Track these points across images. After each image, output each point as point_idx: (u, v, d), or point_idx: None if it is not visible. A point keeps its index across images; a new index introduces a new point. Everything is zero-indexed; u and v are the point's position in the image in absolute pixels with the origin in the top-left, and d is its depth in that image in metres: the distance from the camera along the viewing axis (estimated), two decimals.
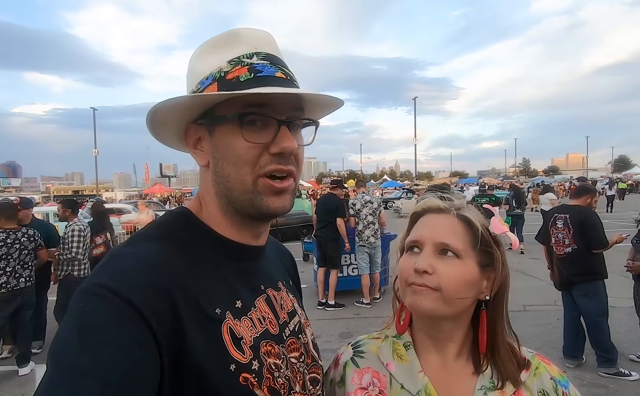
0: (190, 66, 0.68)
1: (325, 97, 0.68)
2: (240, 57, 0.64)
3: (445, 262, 0.72)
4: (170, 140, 0.73)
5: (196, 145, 0.68)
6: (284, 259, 0.88)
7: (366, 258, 6.03)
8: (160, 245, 0.60)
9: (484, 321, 0.75)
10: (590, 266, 3.79)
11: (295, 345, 0.71)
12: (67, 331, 0.50)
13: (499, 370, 0.73)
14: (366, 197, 6.14)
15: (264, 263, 0.74)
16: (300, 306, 0.81)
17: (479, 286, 0.74)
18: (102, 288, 0.51)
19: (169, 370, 0.51)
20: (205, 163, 0.67)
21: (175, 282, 0.56)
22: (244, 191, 0.63)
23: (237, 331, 0.60)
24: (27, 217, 4.80)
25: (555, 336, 4.37)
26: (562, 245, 3.91)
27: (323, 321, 5.47)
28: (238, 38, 0.65)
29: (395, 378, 0.76)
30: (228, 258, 0.67)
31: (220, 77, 0.63)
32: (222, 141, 0.63)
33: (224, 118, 0.62)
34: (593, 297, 3.76)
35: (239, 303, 0.64)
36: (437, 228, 0.75)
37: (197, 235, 0.66)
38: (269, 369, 0.62)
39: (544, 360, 0.79)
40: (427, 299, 0.71)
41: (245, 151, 0.62)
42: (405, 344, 0.79)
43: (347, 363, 0.82)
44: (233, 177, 0.63)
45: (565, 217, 3.95)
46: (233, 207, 0.66)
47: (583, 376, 3.76)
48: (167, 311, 0.53)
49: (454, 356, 0.76)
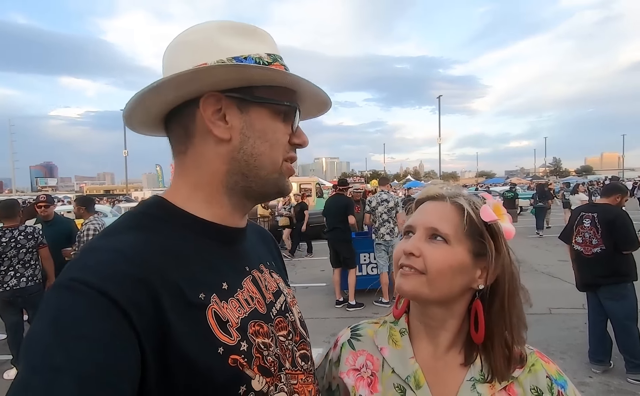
0: (203, 36, 0.65)
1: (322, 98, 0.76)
2: (275, 54, 0.68)
3: (433, 246, 0.73)
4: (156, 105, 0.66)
5: (215, 115, 0.65)
6: (266, 240, 0.89)
7: (384, 256, 5.97)
8: (136, 235, 0.59)
9: (479, 312, 0.74)
10: (619, 267, 3.62)
11: (283, 324, 0.72)
12: (40, 328, 0.47)
13: (489, 364, 0.73)
14: (383, 195, 6.10)
15: (246, 245, 0.74)
16: (286, 285, 0.82)
17: (470, 274, 0.74)
18: (76, 282, 0.49)
19: (153, 362, 0.50)
20: (227, 137, 0.65)
21: (153, 272, 0.55)
22: (274, 170, 0.68)
23: (223, 314, 0.60)
24: (51, 214, 4.85)
25: (582, 341, 4.20)
26: (590, 245, 3.74)
27: (341, 320, 5.48)
28: (263, 36, 0.69)
29: (387, 362, 0.78)
30: (210, 241, 0.66)
31: (264, 64, 0.66)
32: (259, 122, 0.66)
33: (266, 101, 0.66)
34: (621, 300, 3.59)
35: (225, 285, 0.63)
36: (429, 214, 0.76)
37: (175, 221, 0.65)
38: (257, 349, 0.62)
39: (542, 358, 0.78)
40: (411, 281, 0.72)
41: (283, 136, 0.68)
42: (401, 330, 0.81)
43: (344, 345, 0.85)
44: (266, 156, 0.67)
45: (593, 216, 3.77)
46: (244, 186, 0.68)
47: (610, 382, 3.61)
48: (146, 302, 0.52)
49: (446, 346, 0.77)
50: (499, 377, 0.72)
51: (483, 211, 0.74)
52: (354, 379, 0.80)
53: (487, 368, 0.73)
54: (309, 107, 0.77)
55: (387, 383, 0.76)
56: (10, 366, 4.17)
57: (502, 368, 0.72)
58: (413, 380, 0.74)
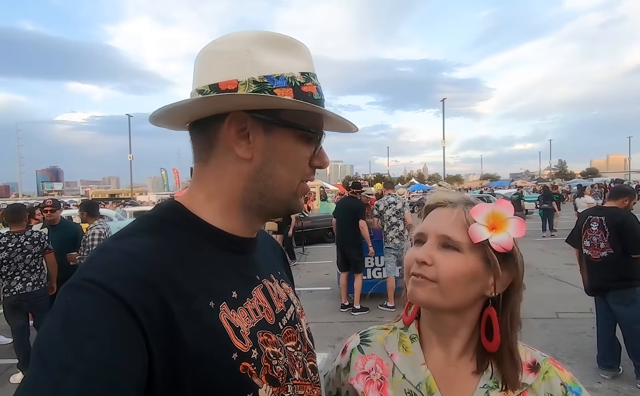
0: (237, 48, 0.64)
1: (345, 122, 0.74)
2: (308, 73, 0.67)
3: (445, 254, 0.71)
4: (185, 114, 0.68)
5: (239, 135, 0.64)
6: (276, 251, 0.89)
7: (393, 260, 5.94)
8: (150, 239, 0.60)
9: (494, 319, 0.72)
10: (628, 271, 3.57)
11: (291, 334, 0.72)
12: (52, 326, 0.49)
13: (501, 371, 0.72)
14: (390, 198, 6.07)
15: (257, 255, 0.75)
16: (295, 296, 0.82)
17: (484, 282, 0.72)
18: (89, 282, 0.50)
19: (160, 364, 0.51)
20: (248, 157, 0.65)
21: (163, 276, 0.55)
22: (289, 192, 0.69)
23: (234, 321, 0.61)
24: (57, 218, 4.88)
25: (590, 346, 4.15)
26: (598, 249, 3.70)
27: (345, 324, 5.45)
28: (299, 50, 0.68)
29: (398, 368, 0.77)
30: (222, 250, 0.67)
31: (296, 85, 0.65)
32: (282, 145, 0.66)
33: (291, 125, 0.65)
34: (631, 304, 3.54)
35: (235, 294, 0.64)
36: (440, 221, 0.74)
37: (189, 227, 0.65)
38: (267, 357, 0.63)
39: (555, 365, 0.76)
40: (424, 290, 0.71)
41: (302, 161, 0.68)
42: (411, 336, 0.80)
43: (353, 350, 0.85)
44: (284, 179, 0.67)
45: (601, 219, 3.73)
46: (259, 204, 0.68)
47: (620, 387, 3.56)
48: (155, 305, 0.52)
49: (458, 353, 0.75)
50: (511, 384, 0.71)
51: (470, 232, 0.71)
52: (363, 383, 0.79)
53: (499, 375, 0.72)
54: (334, 124, 0.75)
55: (397, 389, 0.75)
56: (16, 371, 4.17)
57: (513, 374, 0.71)
58: (425, 386, 0.73)
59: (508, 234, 0.70)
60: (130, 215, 15.46)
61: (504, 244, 0.70)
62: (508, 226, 0.70)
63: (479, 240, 0.70)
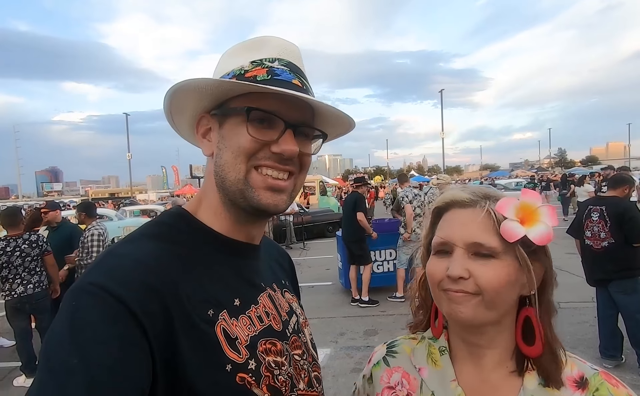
0: (217, 65, 0.71)
1: (335, 112, 0.68)
2: (262, 59, 0.66)
3: (481, 264, 0.63)
4: (184, 129, 0.76)
5: (205, 136, 0.70)
6: (281, 259, 0.88)
7: (409, 252, 5.80)
8: (156, 245, 0.61)
9: (534, 320, 0.65)
10: (629, 261, 3.56)
11: (297, 343, 0.72)
12: (59, 329, 0.49)
13: (544, 376, 0.65)
14: (415, 191, 6.20)
15: (260, 263, 0.75)
16: (299, 305, 0.82)
17: (520, 281, 0.65)
18: (95, 287, 0.51)
19: (162, 371, 0.51)
20: (210, 153, 0.69)
21: (167, 283, 0.56)
22: (236, 180, 0.64)
23: (232, 331, 0.60)
24: (56, 218, 4.89)
25: (592, 335, 4.16)
26: (599, 239, 3.69)
27: (348, 319, 5.46)
28: (266, 43, 0.68)
29: (427, 384, 0.71)
30: (226, 256, 0.67)
31: (240, 74, 0.65)
32: (229, 132, 0.65)
33: (234, 111, 0.64)
34: (632, 294, 3.54)
35: (237, 301, 0.64)
36: (466, 226, 0.65)
37: (194, 234, 0.66)
38: (267, 367, 0.62)
39: (609, 380, 0.65)
40: (467, 307, 0.63)
41: (246, 142, 0.63)
42: (440, 348, 0.73)
43: (378, 362, 0.79)
44: (229, 165, 0.64)
45: (601, 209, 3.72)
46: (228, 199, 0.67)
47: (622, 377, 3.54)
48: (158, 312, 0.52)
49: (492, 365, 0.68)
50: (555, 384, 0.64)
51: (504, 231, 0.63)
52: None
53: (542, 380, 0.65)
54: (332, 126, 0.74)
55: None
56: (19, 373, 4.18)
57: (556, 374, 0.65)
58: None
59: (545, 225, 0.63)
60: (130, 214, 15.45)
61: (545, 236, 0.63)
62: (541, 216, 0.64)
63: (516, 238, 0.62)
